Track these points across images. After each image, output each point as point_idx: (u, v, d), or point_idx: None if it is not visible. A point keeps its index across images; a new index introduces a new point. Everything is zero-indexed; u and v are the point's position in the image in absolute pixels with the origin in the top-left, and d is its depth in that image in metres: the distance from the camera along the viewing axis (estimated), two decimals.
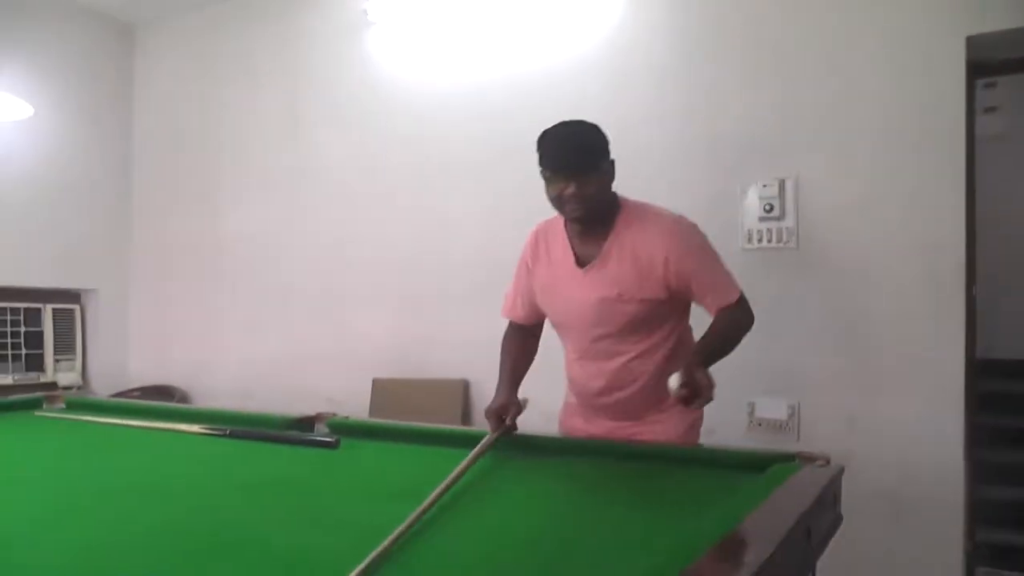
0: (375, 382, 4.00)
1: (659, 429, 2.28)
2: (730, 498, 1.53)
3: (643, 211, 2.27)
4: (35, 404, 3.02)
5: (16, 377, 4.71)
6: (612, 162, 2.23)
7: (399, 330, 4.07)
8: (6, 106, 2.80)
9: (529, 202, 3.66)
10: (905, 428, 2.88)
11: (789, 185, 3.11)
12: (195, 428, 2.47)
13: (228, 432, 2.37)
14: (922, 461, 2.85)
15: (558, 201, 2.18)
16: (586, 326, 2.28)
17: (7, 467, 2.08)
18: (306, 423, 2.44)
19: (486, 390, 3.73)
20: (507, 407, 2.25)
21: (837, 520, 1.75)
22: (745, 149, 3.22)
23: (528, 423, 2.29)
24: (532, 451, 2.15)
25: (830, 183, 3.06)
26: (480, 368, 3.74)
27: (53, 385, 4.74)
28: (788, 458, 1.88)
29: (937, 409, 2.83)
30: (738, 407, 3.17)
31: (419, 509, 1.48)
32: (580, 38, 3.63)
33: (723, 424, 3.15)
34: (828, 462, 1.84)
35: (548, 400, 2.56)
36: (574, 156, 2.14)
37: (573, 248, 2.28)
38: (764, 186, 3.12)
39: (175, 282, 5.02)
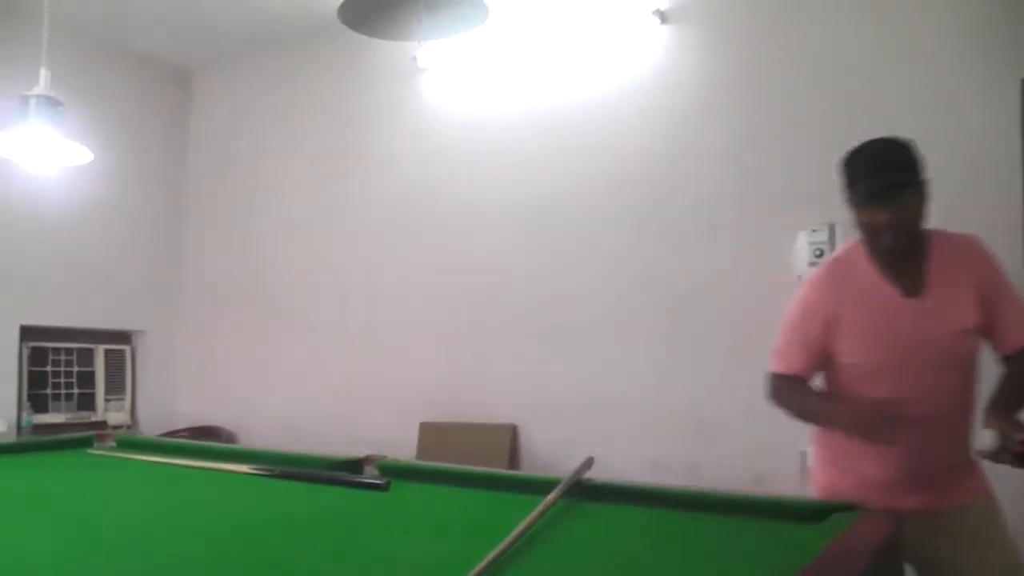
0: (422, 426, 4.00)
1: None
2: (789, 549, 1.50)
3: (940, 230, 2.03)
4: (87, 443, 3.07)
5: (68, 416, 4.80)
6: (927, 181, 1.95)
7: (447, 373, 4.07)
8: (69, 152, 2.87)
9: (576, 238, 3.72)
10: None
11: (839, 229, 3.07)
12: (243, 468, 2.48)
13: (277, 472, 2.37)
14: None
15: (871, 229, 1.93)
16: (925, 366, 1.96)
17: (61, 503, 2.10)
18: (355, 465, 2.43)
19: (534, 434, 3.72)
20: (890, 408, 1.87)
21: (899, 573, 1.69)
22: (793, 192, 3.20)
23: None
24: (598, 497, 2.10)
25: None
26: (528, 412, 3.73)
27: (103, 424, 4.82)
28: (849, 508, 1.82)
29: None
30: (789, 454, 3.10)
31: (497, 550, 1.45)
32: (625, 76, 3.66)
33: (774, 470, 3.10)
34: (889, 513, 1.78)
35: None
36: (893, 178, 1.88)
37: (888, 278, 1.99)
38: (814, 231, 3.09)
39: (223, 323, 5.09)
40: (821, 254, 3.04)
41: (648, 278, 3.52)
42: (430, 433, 3.97)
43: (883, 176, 1.89)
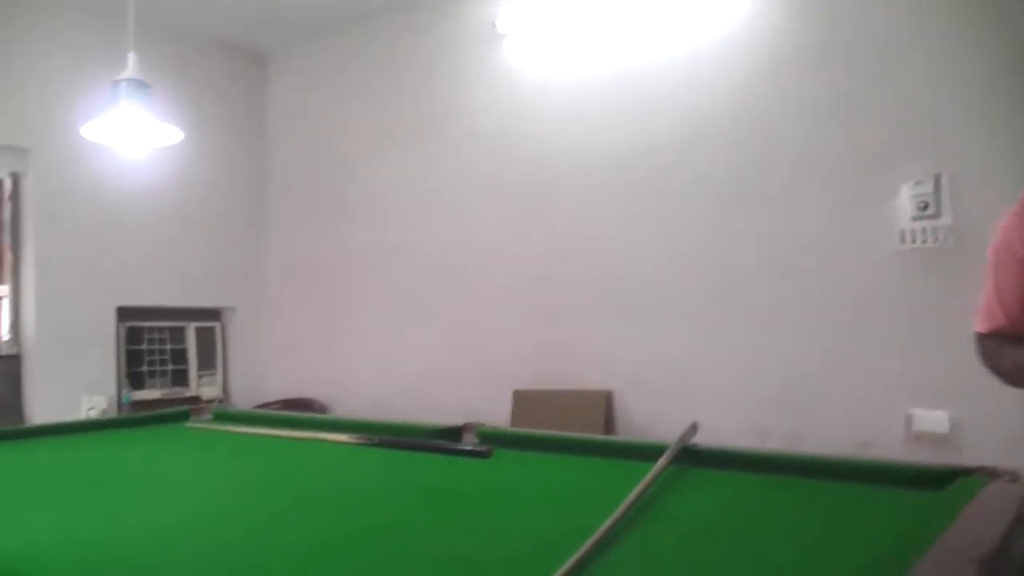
0: (516, 394, 3.99)
1: None
2: (915, 516, 1.43)
3: None
4: (184, 416, 3.15)
5: (163, 392, 4.96)
6: None
7: (538, 340, 4.05)
8: (159, 133, 2.92)
9: (667, 203, 3.64)
10: None
11: (945, 180, 2.92)
12: (343, 438, 2.49)
13: (377, 441, 2.38)
14: None
15: None
16: None
17: (164, 474, 2.14)
18: (455, 433, 2.42)
19: (629, 401, 3.67)
20: None
21: None
22: (894, 145, 3.05)
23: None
24: (705, 463, 2.04)
25: (989, 175, 2.85)
26: (622, 380, 3.69)
27: (197, 399, 4.95)
28: (968, 473, 1.73)
29: None
30: (894, 419, 2.99)
31: (612, 519, 1.42)
32: (716, 31, 3.54)
33: (879, 437, 3.00)
34: (1017, 478, 1.69)
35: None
36: None
37: None
38: (917, 183, 2.95)
39: (311, 297, 5.17)
40: (926, 207, 2.91)
41: (741, 242, 3.42)
42: (524, 401, 3.95)
43: None
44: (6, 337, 4.48)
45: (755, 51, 3.42)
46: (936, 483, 1.68)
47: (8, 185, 4.51)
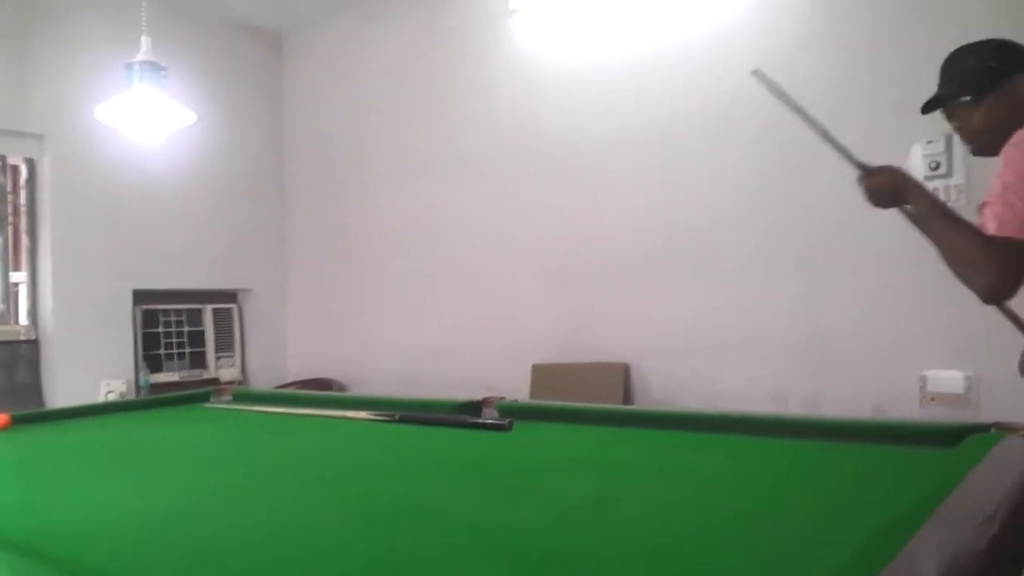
0: (534, 368, 4.02)
1: None
2: (930, 472, 1.43)
3: None
4: (204, 397, 3.17)
5: (181, 375, 5.00)
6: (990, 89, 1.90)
7: (557, 314, 4.06)
8: (173, 115, 2.93)
9: (681, 176, 3.64)
10: None
11: (956, 140, 2.90)
12: (363, 415, 2.52)
13: (398, 417, 2.41)
14: None
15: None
16: None
17: (185, 454, 2.16)
18: (475, 407, 2.44)
19: (647, 372, 3.69)
20: None
21: None
22: (905, 104, 3.03)
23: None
24: (696, 426, 2.08)
25: None
26: (640, 350, 3.71)
27: (215, 381, 4.98)
28: (983, 429, 1.74)
29: None
30: (908, 380, 3.01)
31: None
32: (727, 2, 3.51)
33: (893, 399, 3.02)
34: None
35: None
36: (938, 92, 2.00)
37: None
38: (929, 143, 2.94)
39: (328, 277, 5.20)
40: (937, 167, 2.90)
41: (755, 207, 3.42)
42: (542, 374, 3.97)
43: (938, 88, 1.96)
44: (24, 322, 4.53)
45: (763, 20, 3.40)
46: (951, 440, 1.70)
47: (24, 171, 4.54)
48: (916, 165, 2.97)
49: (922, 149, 2.96)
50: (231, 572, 1.15)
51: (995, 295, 1.81)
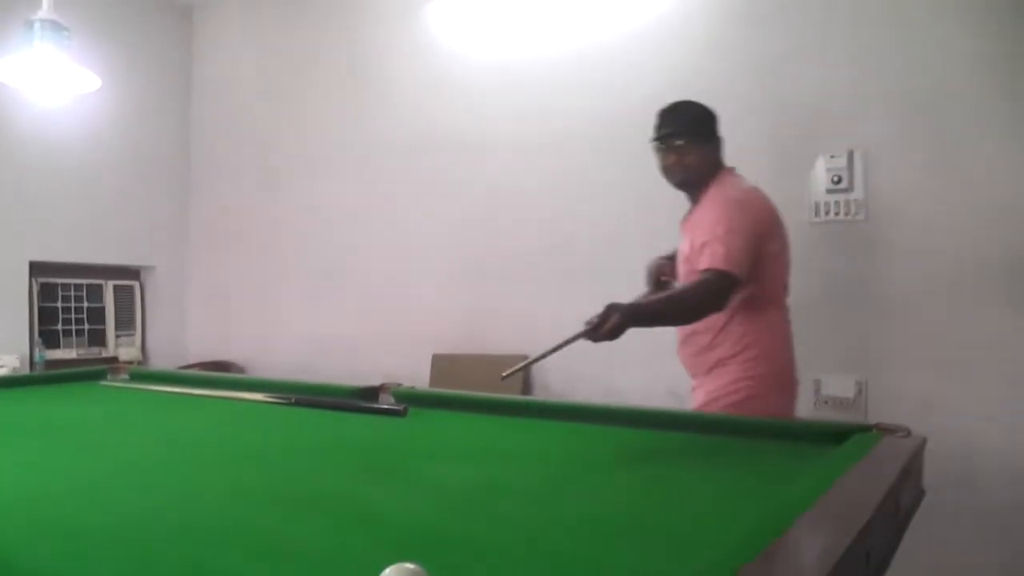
0: (435, 357, 4.01)
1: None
2: (814, 468, 1.48)
3: (734, 180, 2.47)
4: (100, 375, 3.11)
5: (80, 352, 4.83)
6: (699, 140, 2.43)
7: (458, 305, 4.06)
8: (76, 79, 2.80)
9: (593, 176, 3.67)
10: (983, 411, 2.74)
11: (858, 156, 3.01)
12: (260, 396, 2.49)
13: (293, 400, 2.38)
14: (999, 448, 2.72)
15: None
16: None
17: (77, 432, 2.10)
18: (371, 393, 2.43)
19: (546, 364, 3.69)
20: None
21: (920, 494, 1.69)
22: (812, 119, 3.12)
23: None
24: (593, 419, 2.11)
25: (901, 153, 2.95)
26: (540, 343, 3.70)
27: (114, 360, 4.83)
28: (865, 429, 1.83)
29: (1018, 393, 2.70)
30: (804, 384, 3.09)
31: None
32: (640, 6, 3.56)
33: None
34: (909, 433, 1.79)
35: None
36: (658, 133, 2.45)
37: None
38: (832, 157, 3.03)
39: (232, 259, 5.08)
40: (839, 180, 3.00)
41: (647, 210, 3.43)
42: (442, 364, 3.97)
43: (655, 130, 2.44)
44: None
45: (678, 26, 3.45)
46: (837, 439, 1.78)
47: None
48: (819, 178, 3.06)
49: (825, 163, 3.05)
50: (102, 552, 1.11)
51: (719, 306, 2.22)
